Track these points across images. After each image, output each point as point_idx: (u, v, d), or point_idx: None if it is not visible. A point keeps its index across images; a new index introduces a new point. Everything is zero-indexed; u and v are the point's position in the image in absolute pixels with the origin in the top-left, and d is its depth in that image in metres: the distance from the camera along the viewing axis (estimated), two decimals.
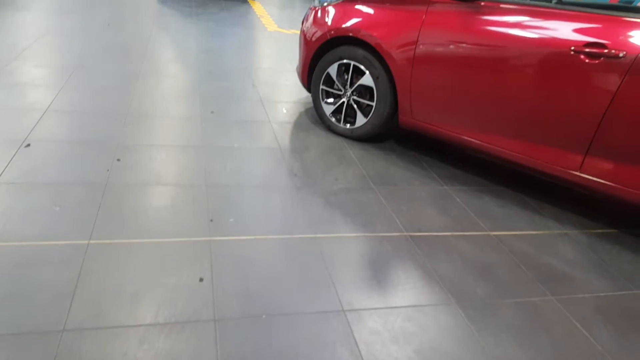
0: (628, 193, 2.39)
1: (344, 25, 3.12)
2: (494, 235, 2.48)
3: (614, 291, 2.19)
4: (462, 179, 3.03)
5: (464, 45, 2.68)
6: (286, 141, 3.18)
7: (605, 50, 2.26)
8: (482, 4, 2.63)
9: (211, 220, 2.21)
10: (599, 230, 2.68)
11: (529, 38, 2.48)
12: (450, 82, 2.77)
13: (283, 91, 4.13)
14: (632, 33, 2.23)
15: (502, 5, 2.61)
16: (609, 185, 2.43)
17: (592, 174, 2.46)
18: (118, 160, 2.60)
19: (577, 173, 2.50)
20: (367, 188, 2.74)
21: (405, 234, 2.37)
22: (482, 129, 2.76)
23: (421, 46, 2.80)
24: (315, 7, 3.41)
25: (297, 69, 3.67)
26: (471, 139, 2.82)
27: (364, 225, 2.37)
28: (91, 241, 1.96)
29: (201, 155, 2.81)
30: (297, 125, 3.47)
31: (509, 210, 2.75)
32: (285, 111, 3.69)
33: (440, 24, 2.75)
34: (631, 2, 5.75)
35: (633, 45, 2.21)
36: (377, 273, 2.05)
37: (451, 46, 2.72)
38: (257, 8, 7.68)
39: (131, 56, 4.34)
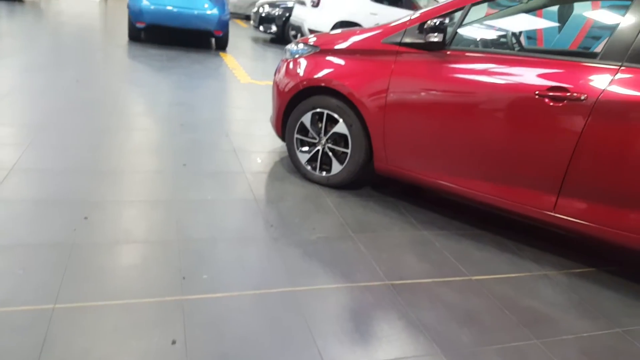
0: (603, 231, 2.42)
1: (316, 76, 3.17)
2: (476, 279, 2.45)
3: (596, 331, 2.17)
4: (441, 223, 3.02)
5: (433, 92, 2.74)
6: (261, 191, 3.14)
7: (568, 94, 2.34)
8: (448, 52, 2.72)
9: (183, 278, 2.12)
10: (578, 270, 2.68)
11: (495, 84, 2.56)
12: (422, 128, 2.82)
13: (257, 141, 4.12)
14: (591, 77, 2.32)
15: (467, 54, 2.71)
16: (584, 224, 2.46)
17: (566, 214, 2.49)
18: (85, 218, 2.50)
19: (552, 213, 2.53)
20: (346, 236, 2.70)
21: (386, 282, 2.31)
22: (456, 173, 2.79)
23: (392, 94, 2.86)
24: (287, 59, 3.47)
25: (270, 119, 3.68)
26: (446, 182, 2.83)
27: (344, 275, 2.31)
28: (56, 305, 1.83)
29: (172, 209, 2.73)
30: (273, 175, 3.44)
31: (489, 253, 2.74)
32: (259, 161, 3.67)
33: (409, 72, 2.82)
34: (589, 48, 6.08)
35: (593, 89, 2.30)
36: (360, 325, 1.97)
37: (421, 93, 2.78)
38: (230, 61, 7.81)
39: (100, 112, 4.30)
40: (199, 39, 9.31)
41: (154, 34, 8.99)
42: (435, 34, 2.66)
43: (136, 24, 7.94)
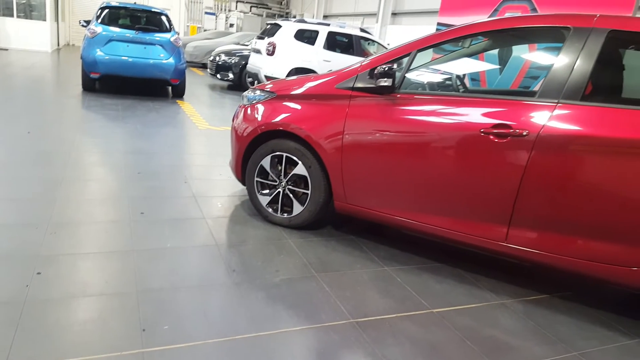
0: (552, 258, 2.54)
1: (274, 120, 3.25)
2: (437, 312, 2.50)
3: (555, 355, 2.25)
4: (401, 259, 3.08)
5: (386, 133, 2.87)
6: (222, 236, 3.12)
7: (511, 130, 2.51)
8: (398, 96, 2.87)
9: (143, 330, 2.06)
10: (533, 297, 2.78)
11: (444, 123, 2.71)
12: (378, 167, 2.92)
13: (217, 186, 4.12)
14: (532, 114, 2.50)
15: (416, 96, 2.86)
16: (534, 252, 2.58)
17: (517, 244, 2.61)
18: (38, 273, 2.41)
19: (504, 244, 2.64)
20: (310, 276, 2.71)
21: (351, 320, 2.32)
22: (412, 209, 2.88)
23: (347, 136, 2.97)
24: (245, 105, 3.54)
25: (230, 163, 3.71)
26: (403, 218, 2.92)
27: (309, 317, 2.31)
28: None
29: (130, 259, 2.67)
30: (233, 219, 3.44)
31: (448, 285, 2.81)
32: (220, 205, 3.66)
33: (363, 115, 2.94)
34: (529, 87, 6.50)
35: (534, 124, 2.47)
36: None
37: (375, 134, 2.90)
38: (187, 108, 7.85)
39: (53, 163, 4.20)
40: (156, 88, 9.33)
41: (108, 84, 8.95)
42: (385, 79, 2.81)
43: (90, 75, 7.89)
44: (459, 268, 3.04)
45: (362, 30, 10.42)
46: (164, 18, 8.62)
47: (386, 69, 2.79)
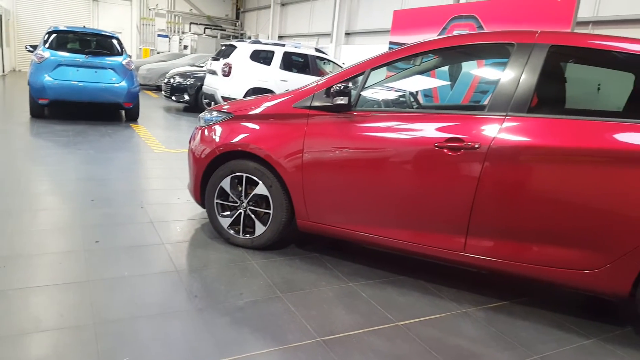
0: (509, 265, 2.63)
1: (232, 141, 3.23)
2: (402, 325, 2.52)
3: None
4: (365, 273, 3.10)
5: (345, 150, 2.91)
6: (183, 261, 3.05)
7: (464, 144, 2.60)
8: (355, 113, 2.92)
9: None
10: (493, 304, 2.86)
11: (399, 139, 2.78)
12: (338, 184, 2.95)
13: (175, 210, 4.03)
14: (482, 127, 2.61)
15: (372, 114, 2.93)
16: (492, 260, 2.66)
17: (475, 253, 2.69)
18: None
19: (463, 253, 2.71)
20: (274, 297, 2.68)
21: (318, 339, 2.31)
22: (373, 224, 2.92)
23: (307, 154, 2.99)
24: (201, 127, 3.51)
25: (188, 186, 3.65)
26: (365, 233, 2.95)
27: (276, 338, 2.28)
28: None
29: (86, 291, 2.56)
30: (194, 243, 3.37)
31: (412, 297, 2.84)
32: (179, 230, 3.58)
33: (321, 133, 2.98)
34: (479, 102, 6.76)
35: (485, 137, 2.57)
36: None
37: (334, 152, 2.93)
38: (142, 131, 7.68)
39: (1, 193, 4.00)
40: (108, 112, 9.09)
41: (58, 109, 8.65)
42: (341, 97, 2.86)
43: (38, 101, 7.61)
44: (421, 280, 3.09)
45: (317, 50, 10.58)
46: (114, 41, 8.47)
47: (342, 87, 2.85)
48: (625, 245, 2.39)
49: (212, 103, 9.56)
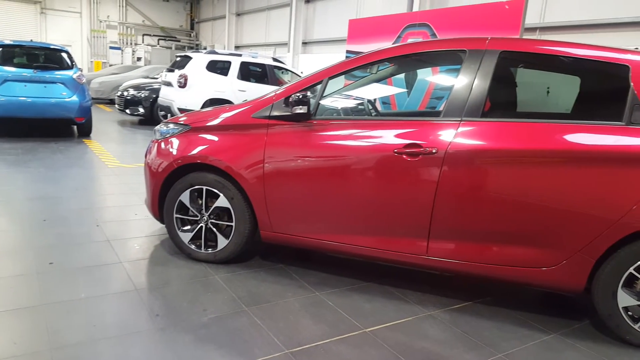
0: (471, 266, 2.69)
1: (190, 153, 3.16)
2: (369, 331, 2.52)
3: (482, 359, 2.35)
4: (331, 282, 3.09)
5: (306, 158, 2.90)
6: (142, 280, 2.94)
7: (422, 149, 2.64)
8: (315, 122, 2.93)
9: None
10: (457, 306, 2.90)
11: (359, 146, 2.81)
12: (301, 193, 2.94)
13: (133, 227, 3.91)
14: (439, 132, 2.66)
15: (331, 122, 2.94)
16: (454, 262, 2.71)
17: (437, 256, 2.73)
18: None
19: (426, 257, 2.75)
20: (240, 311, 2.63)
21: (286, 351, 2.27)
22: (337, 231, 2.92)
23: (268, 164, 2.96)
24: (157, 140, 3.42)
25: (146, 202, 3.54)
26: (329, 241, 2.95)
27: (242, 353, 2.23)
28: None
29: (41, 315, 2.43)
30: (154, 260, 3.26)
31: (378, 303, 2.85)
32: (137, 247, 3.46)
33: (282, 143, 2.96)
34: (435, 108, 6.90)
35: (441, 142, 2.63)
36: None
37: (296, 161, 2.92)
38: (95, 147, 7.43)
39: None
40: (60, 128, 8.74)
41: (6, 127, 8.24)
42: (300, 106, 2.85)
43: None
44: (387, 285, 3.10)
45: (275, 59, 10.58)
46: (64, 55, 8.17)
47: (301, 96, 2.84)
48: (578, 242, 2.48)
49: (168, 115, 9.37)
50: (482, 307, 2.91)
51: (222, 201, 3.12)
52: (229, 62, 9.40)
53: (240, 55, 9.82)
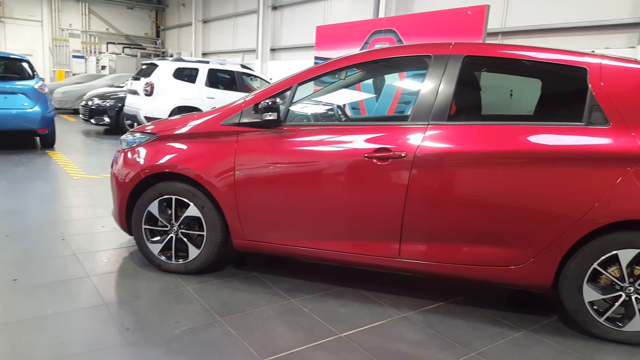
0: (443, 267, 2.73)
1: (158, 163, 3.10)
2: (345, 336, 2.52)
3: (457, 359, 2.38)
4: (306, 288, 3.08)
5: (277, 165, 2.89)
6: (111, 293, 2.87)
7: (391, 153, 2.67)
8: (285, 128, 2.92)
9: None
10: (430, 306, 2.94)
11: (330, 151, 2.82)
12: (273, 199, 2.92)
13: (100, 239, 3.80)
14: (408, 136, 2.70)
15: (302, 128, 2.94)
16: (426, 264, 2.75)
17: (409, 258, 2.76)
18: None
19: (398, 259, 2.78)
20: (213, 322, 2.59)
21: None
22: (310, 237, 2.92)
23: (239, 172, 2.94)
24: (124, 149, 3.34)
25: (113, 213, 3.45)
26: (303, 247, 2.94)
27: None
28: None
29: (5, 334, 2.33)
30: (123, 273, 3.18)
31: (353, 307, 2.86)
32: (105, 260, 3.37)
33: (252, 150, 2.94)
34: (403, 112, 7.00)
35: (410, 146, 2.67)
36: None
37: (268, 168, 2.91)
38: (59, 158, 7.21)
39: None
40: (22, 139, 8.45)
41: None
42: (270, 113, 2.84)
43: None
44: (360, 289, 3.12)
45: (243, 66, 10.52)
46: (25, 65, 7.91)
47: (270, 103, 2.84)
48: (544, 240, 2.56)
49: (135, 124, 9.19)
50: (454, 307, 2.95)
51: (192, 210, 3.07)
52: (197, 70, 9.30)
53: (207, 62, 9.74)
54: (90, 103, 10.33)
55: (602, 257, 2.51)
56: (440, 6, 9.02)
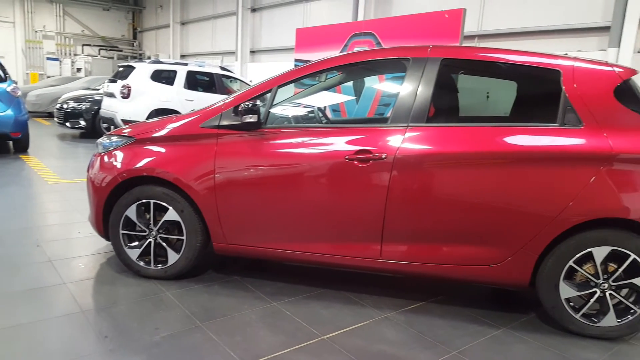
0: (423, 267, 2.76)
1: (136, 166, 3.06)
2: (327, 338, 2.52)
3: (437, 358, 2.41)
4: (288, 291, 3.07)
5: (258, 167, 2.88)
6: (88, 300, 2.81)
7: (372, 155, 2.69)
8: (266, 130, 2.91)
9: None
10: (411, 306, 2.96)
11: (311, 153, 2.82)
12: (255, 202, 2.91)
13: (77, 245, 3.72)
14: (388, 138, 2.72)
15: (283, 130, 2.94)
16: (407, 264, 2.77)
17: (391, 258, 2.78)
18: None
19: (380, 260, 2.79)
20: (194, 328, 2.56)
21: None
22: (292, 239, 2.91)
23: (219, 175, 2.91)
24: (100, 153, 3.28)
25: (89, 218, 3.38)
26: (285, 250, 2.93)
27: None
28: None
29: None
30: (100, 280, 3.12)
31: (335, 309, 2.86)
32: (82, 267, 3.30)
33: (232, 152, 2.92)
34: (383, 114, 7.04)
35: (390, 148, 2.69)
36: None
37: (248, 170, 2.89)
38: (33, 162, 7.04)
39: None
40: None
41: None
42: (250, 115, 2.83)
43: None
44: (342, 290, 3.12)
45: (223, 68, 10.45)
46: None
47: (250, 105, 2.82)
48: (521, 239, 2.60)
49: (112, 127, 9.05)
50: (435, 306, 2.98)
51: (171, 214, 3.04)
52: (175, 72, 9.21)
53: (186, 64, 9.64)
54: (65, 106, 10.12)
55: (577, 255, 2.56)
56: (418, 9, 9.12)
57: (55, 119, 10.56)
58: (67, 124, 10.07)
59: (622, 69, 2.67)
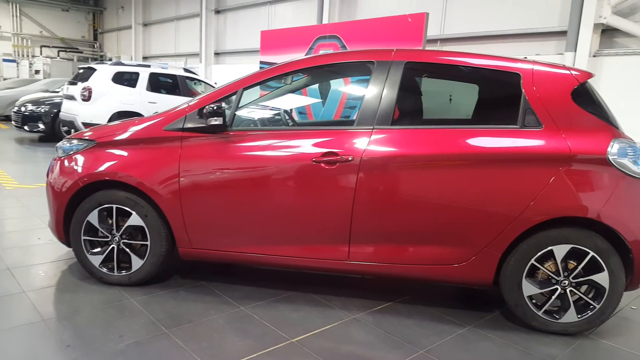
0: (390, 268, 2.79)
1: (97, 170, 2.97)
2: (296, 341, 2.52)
3: (405, 357, 2.43)
4: (256, 295, 3.04)
5: (224, 171, 2.85)
6: (49, 309, 2.71)
7: (338, 157, 2.70)
8: (231, 133, 2.88)
9: None
10: (379, 307, 2.99)
11: (278, 156, 2.81)
12: (220, 206, 2.87)
13: (36, 252, 3.59)
14: (354, 140, 2.74)
15: (249, 133, 2.92)
16: (374, 265, 2.79)
17: (358, 260, 2.80)
18: None
19: (347, 262, 2.81)
20: (160, 334, 2.50)
21: None
22: (259, 243, 2.89)
23: (183, 178, 2.86)
24: (60, 157, 3.17)
25: (49, 224, 3.27)
26: (252, 254, 2.91)
27: None
28: None
29: None
30: (61, 287, 3.02)
31: (304, 312, 2.86)
32: (43, 274, 3.18)
33: (197, 155, 2.88)
34: (349, 117, 7.08)
35: (356, 150, 2.71)
36: None
37: (214, 173, 2.86)
38: None
39: None
40: None
41: None
42: (215, 118, 2.79)
43: None
44: (311, 293, 3.12)
45: (187, 70, 10.30)
46: None
47: (215, 107, 2.79)
48: (485, 238, 2.67)
49: (72, 130, 8.76)
50: (402, 306, 3.02)
51: (134, 219, 2.96)
52: (137, 74, 9.01)
53: (149, 66, 9.45)
54: (23, 109, 9.76)
55: (539, 253, 2.65)
56: (382, 13, 9.26)
57: (13, 122, 10.16)
58: (26, 127, 9.71)
59: (579, 72, 2.78)
